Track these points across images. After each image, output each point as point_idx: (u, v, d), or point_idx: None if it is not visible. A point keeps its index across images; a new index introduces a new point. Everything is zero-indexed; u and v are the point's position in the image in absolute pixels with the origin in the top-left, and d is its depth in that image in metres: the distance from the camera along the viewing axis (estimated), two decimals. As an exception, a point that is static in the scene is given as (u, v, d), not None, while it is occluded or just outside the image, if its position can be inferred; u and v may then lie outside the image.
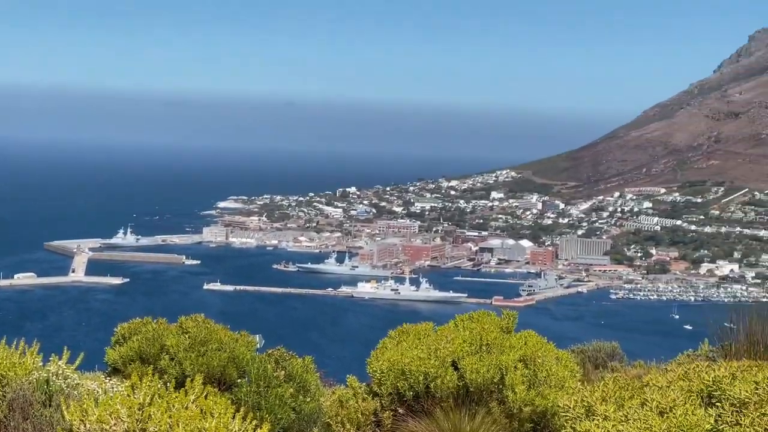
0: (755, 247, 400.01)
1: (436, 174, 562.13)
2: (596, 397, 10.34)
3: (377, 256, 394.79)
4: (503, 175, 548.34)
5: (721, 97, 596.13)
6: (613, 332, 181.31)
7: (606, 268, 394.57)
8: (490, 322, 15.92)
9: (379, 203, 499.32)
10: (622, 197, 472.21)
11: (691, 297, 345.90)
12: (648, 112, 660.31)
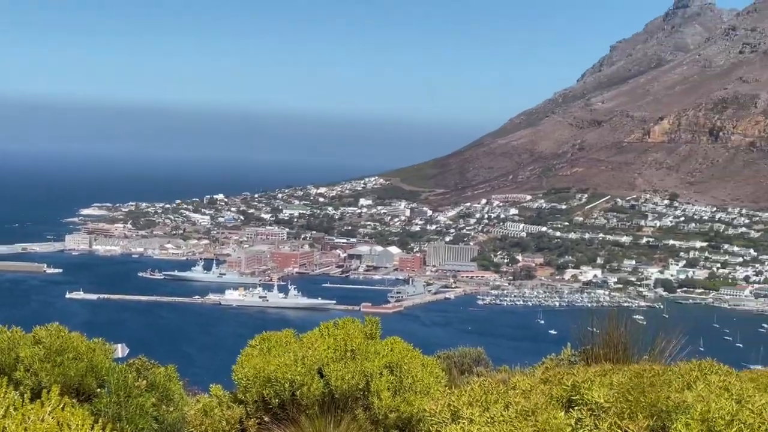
0: (617, 253, 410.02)
1: (304, 181, 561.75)
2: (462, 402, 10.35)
3: (245, 263, 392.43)
4: (372, 182, 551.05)
5: (584, 106, 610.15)
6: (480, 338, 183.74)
7: (473, 274, 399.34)
8: (355, 329, 15.85)
9: (248, 210, 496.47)
10: (488, 204, 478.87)
11: (555, 302, 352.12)
12: (514, 120, 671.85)
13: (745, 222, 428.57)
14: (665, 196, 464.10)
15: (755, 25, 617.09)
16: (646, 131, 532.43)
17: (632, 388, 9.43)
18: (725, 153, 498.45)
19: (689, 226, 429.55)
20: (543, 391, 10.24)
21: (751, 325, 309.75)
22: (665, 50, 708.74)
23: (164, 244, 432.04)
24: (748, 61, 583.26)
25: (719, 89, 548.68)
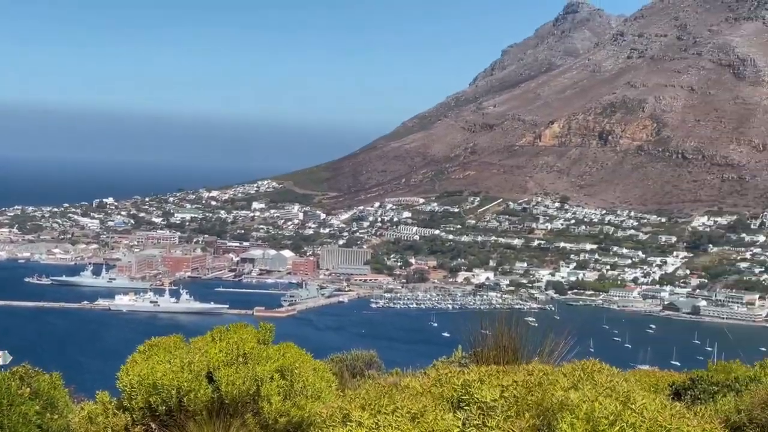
0: (509, 256, 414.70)
1: (197, 184, 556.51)
2: (352, 405, 10.34)
3: (136, 267, 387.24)
4: (264, 186, 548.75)
5: (476, 110, 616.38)
6: (374, 341, 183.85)
7: (367, 277, 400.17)
8: (248, 334, 15.72)
9: (138, 214, 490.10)
10: (382, 207, 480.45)
11: (448, 305, 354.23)
12: (407, 124, 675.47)
13: (634, 224, 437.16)
14: (556, 198, 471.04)
15: (642, 31, 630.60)
16: (537, 135, 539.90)
17: (520, 388, 9.53)
18: (614, 156, 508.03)
19: (579, 229, 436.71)
20: (432, 393, 10.28)
21: (639, 326, 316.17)
22: (556, 55, 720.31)
23: (52, 248, 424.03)
24: (635, 66, 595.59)
25: (608, 94, 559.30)
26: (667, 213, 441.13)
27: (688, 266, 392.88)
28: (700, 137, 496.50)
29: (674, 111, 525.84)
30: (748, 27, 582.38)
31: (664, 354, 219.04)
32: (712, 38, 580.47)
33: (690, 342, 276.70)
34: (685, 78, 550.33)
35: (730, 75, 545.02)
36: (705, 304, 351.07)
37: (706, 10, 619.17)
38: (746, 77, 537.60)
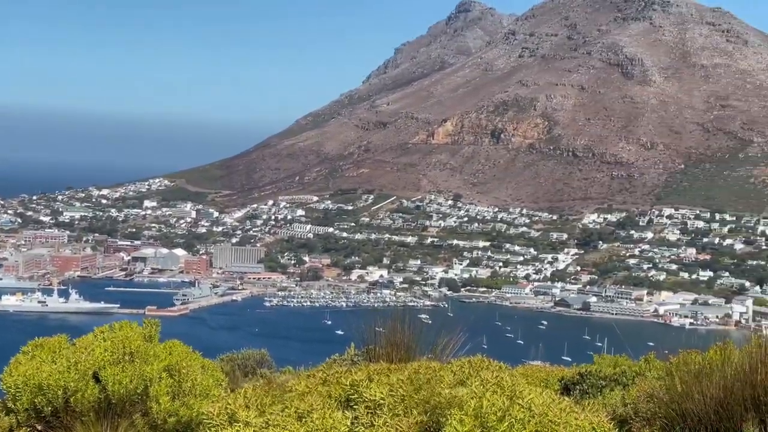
0: (403, 253, 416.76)
1: (86, 183, 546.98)
2: (239, 404, 10.21)
3: (23, 267, 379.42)
4: (156, 184, 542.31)
5: (369, 108, 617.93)
6: (267, 340, 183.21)
7: (260, 275, 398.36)
8: (133, 332, 15.43)
9: (25, 213, 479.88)
10: (275, 205, 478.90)
11: (343, 303, 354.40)
12: (301, 121, 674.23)
13: (526, 222, 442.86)
14: (449, 196, 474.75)
15: (533, 30, 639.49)
16: (431, 133, 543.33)
17: (408, 385, 9.50)
18: (506, 154, 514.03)
19: (472, 227, 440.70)
20: (321, 392, 10.20)
21: (531, 322, 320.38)
22: (448, 53, 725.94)
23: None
24: (527, 65, 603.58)
25: (500, 92, 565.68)
26: (559, 210, 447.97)
27: (579, 263, 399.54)
28: (590, 135, 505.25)
29: (565, 109, 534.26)
30: (636, 27, 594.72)
31: (555, 349, 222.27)
32: (601, 38, 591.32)
33: (581, 337, 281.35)
34: (575, 77, 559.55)
35: (619, 74, 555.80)
36: (595, 300, 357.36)
37: (596, 10, 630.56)
38: (634, 76, 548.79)
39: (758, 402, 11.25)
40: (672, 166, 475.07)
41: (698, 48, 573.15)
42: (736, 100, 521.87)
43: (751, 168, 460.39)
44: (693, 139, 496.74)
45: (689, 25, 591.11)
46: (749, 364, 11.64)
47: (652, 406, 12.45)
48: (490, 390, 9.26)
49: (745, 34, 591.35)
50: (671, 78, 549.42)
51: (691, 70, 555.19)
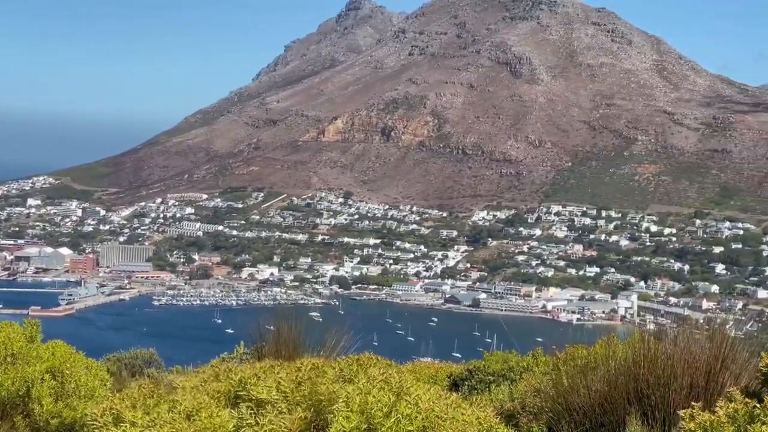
0: (293, 251, 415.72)
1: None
2: (125, 405, 10.04)
3: None
4: (40, 182, 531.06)
5: (259, 105, 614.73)
6: (156, 339, 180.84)
7: (149, 274, 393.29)
8: (14, 332, 15.07)
9: None
10: (164, 203, 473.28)
11: (233, 301, 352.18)
12: (190, 119, 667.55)
13: (416, 219, 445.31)
14: (340, 194, 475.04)
15: (423, 29, 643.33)
16: (321, 131, 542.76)
17: (293, 383, 9.45)
18: (396, 152, 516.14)
19: (363, 224, 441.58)
20: (209, 390, 10.10)
21: (421, 319, 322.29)
22: (339, 51, 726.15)
23: None
24: (417, 63, 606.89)
25: (390, 90, 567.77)
26: (448, 208, 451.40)
27: (469, 260, 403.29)
28: (479, 133, 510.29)
29: (454, 108, 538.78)
30: (524, 27, 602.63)
31: (445, 346, 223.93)
32: (490, 37, 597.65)
33: (471, 334, 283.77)
34: (464, 75, 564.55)
35: (508, 73, 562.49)
36: (485, 297, 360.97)
37: (484, 9, 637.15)
38: (522, 75, 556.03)
39: (641, 395, 11.45)
40: (559, 163, 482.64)
41: (584, 47, 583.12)
42: (621, 99, 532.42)
43: (635, 165, 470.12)
44: (580, 137, 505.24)
45: (575, 25, 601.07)
46: (632, 358, 11.84)
47: (539, 400, 12.60)
48: (377, 386, 9.24)
49: (630, 35, 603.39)
50: (558, 77, 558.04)
51: (578, 69, 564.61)
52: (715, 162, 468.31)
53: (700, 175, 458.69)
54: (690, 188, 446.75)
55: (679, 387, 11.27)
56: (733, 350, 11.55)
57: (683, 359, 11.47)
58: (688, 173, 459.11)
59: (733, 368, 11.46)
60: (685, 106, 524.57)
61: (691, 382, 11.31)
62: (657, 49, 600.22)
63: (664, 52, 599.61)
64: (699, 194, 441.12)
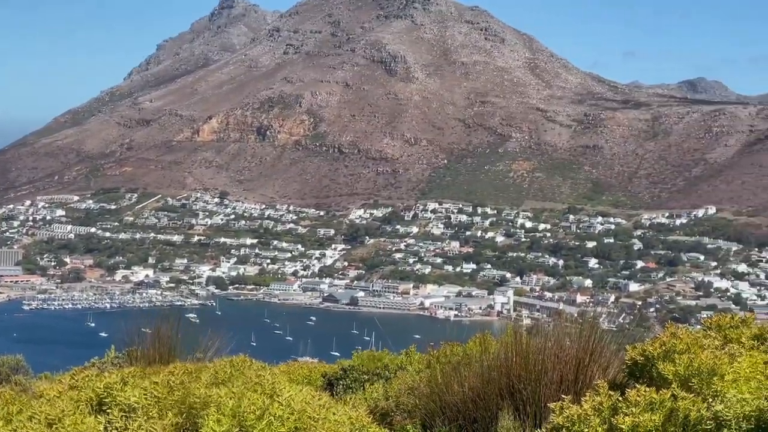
0: (169, 252, 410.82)
1: None
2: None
3: None
4: None
5: (132, 105, 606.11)
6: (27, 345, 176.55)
7: (18, 278, 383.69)
8: None
9: None
10: (33, 206, 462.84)
11: (106, 304, 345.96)
12: (59, 119, 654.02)
13: (293, 218, 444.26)
14: (216, 194, 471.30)
15: (297, 27, 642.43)
16: (196, 130, 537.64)
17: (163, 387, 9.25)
18: (273, 151, 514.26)
19: (239, 224, 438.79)
20: (72, 397, 9.82)
21: (300, 319, 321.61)
22: (212, 50, 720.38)
23: None
24: (291, 61, 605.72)
25: (265, 89, 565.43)
26: (325, 207, 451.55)
27: (346, 258, 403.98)
28: (355, 132, 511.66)
29: (330, 106, 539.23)
30: (398, 25, 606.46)
31: (324, 345, 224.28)
32: (365, 35, 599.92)
33: (349, 332, 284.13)
34: (339, 74, 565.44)
35: (383, 71, 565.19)
36: (363, 295, 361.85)
37: (358, 7, 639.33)
38: (397, 73, 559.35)
39: (513, 390, 11.53)
40: (435, 161, 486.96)
41: (458, 46, 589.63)
42: (495, 97, 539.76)
43: (510, 162, 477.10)
44: (455, 135, 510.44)
45: (449, 23, 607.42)
46: (504, 354, 11.93)
47: (414, 398, 12.60)
48: (250, 389, 9.13)
49: (502, 33, 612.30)
50: (433, 75, 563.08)
51: (452, 67, 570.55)
52: (587, 158, 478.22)
53: (572, 171, 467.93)
54: (563, 184, 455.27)
55: (549, 381, 11.39)
56: (601, 344, 11.73)
57: (553, 354, 11.60)
58: (561, 169, 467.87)
59: (602, 361, 11.63)
60: (557, 104, 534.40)
61: (561, 376, 11.44)
62: (529, 47, 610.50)
63: (537, 50, 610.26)
64: (572, 190, 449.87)
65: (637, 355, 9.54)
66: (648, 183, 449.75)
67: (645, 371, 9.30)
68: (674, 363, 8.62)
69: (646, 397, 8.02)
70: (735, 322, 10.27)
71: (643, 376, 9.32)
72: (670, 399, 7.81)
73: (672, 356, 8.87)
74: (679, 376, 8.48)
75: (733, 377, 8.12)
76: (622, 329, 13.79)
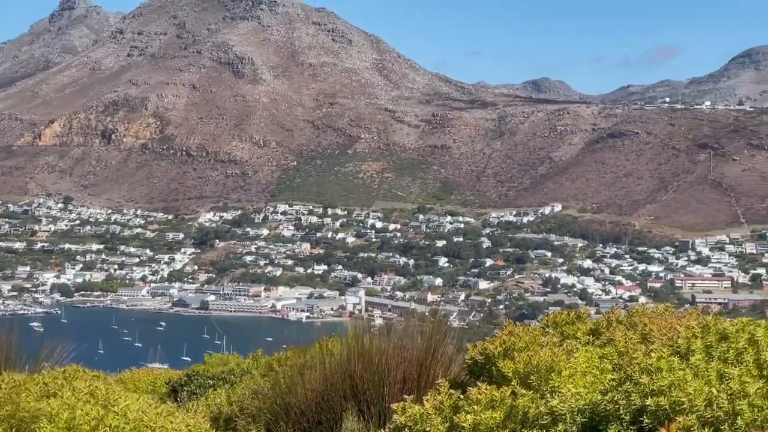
0: (11, 260, 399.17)
1: None
2: None
3: None
4: None
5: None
6: None
7: None
8: None
9: None
10: None
11: None
12: None
13: (141, 223, 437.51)
14: (59, 199, 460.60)
15: (142, 29, 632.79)
16: (37, 134, 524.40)
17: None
18: (118, 155, 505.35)
19: (85, 229, 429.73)
20: None
21: (149, 324, 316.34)
22: (53, 52, 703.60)
23: None
24: (136, 63, 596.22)
25: (110, 92, 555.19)
26: (174, 210, 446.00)
27: (196, 262, 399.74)
28: (203, 134, 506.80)
29: (177, 109, 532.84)
30: (245, 26, 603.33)
31: (175, 350, 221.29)
32: (211, 37, 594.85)
33: (200, 337, 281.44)
34: (186, 76, 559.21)
35: (230, 73, 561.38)
36: (213, 299, 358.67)
37: (204, 9, 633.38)
38: (245, 75, 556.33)
39: (356, 391, 11.50)
40: (285, 163, 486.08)
41: (306, 47, 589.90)
42: (343, 98, 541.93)
43: (359, 163, 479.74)
44: (304, 137, 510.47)
45: (296, 25, 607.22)
46: (347, 356, 11.89)
47: (258, 402, 12.46)
48: (83, 400, 8.86)
49: (350, 34, 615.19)
50: (281, 76, 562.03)
51: (300, 68, 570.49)
52: (436, 158, 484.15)
53: (421, 171, 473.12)
54: (412, 184, 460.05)
55: (393, 381, 11.39)
56: (444, 343, 11.79)
57: (396, 354, 11.61)
58: (411, 169, 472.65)
59: (445, 360, 11.69)
60: (405, 104, 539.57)
61: (404, 376, 11.46)
62: (377, 48, 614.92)
63: (384, 51, 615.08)
64: (421, 190, 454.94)
65: (477, 354, 9.61)
66: (495, 182, 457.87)
67: (485, 369, 9.37)
68: (514, 361, 8.70)
69: (487, 395, 8.07)
70: (571, 319, 10.47)
71: (483, 374, 9.39)
72: (510, 396, 7.87)
73: (512, 354, 8.96)
74: (518, 374, 8.57)
75: (570, 373, 8.24)
76: (472, 327, 13.91)
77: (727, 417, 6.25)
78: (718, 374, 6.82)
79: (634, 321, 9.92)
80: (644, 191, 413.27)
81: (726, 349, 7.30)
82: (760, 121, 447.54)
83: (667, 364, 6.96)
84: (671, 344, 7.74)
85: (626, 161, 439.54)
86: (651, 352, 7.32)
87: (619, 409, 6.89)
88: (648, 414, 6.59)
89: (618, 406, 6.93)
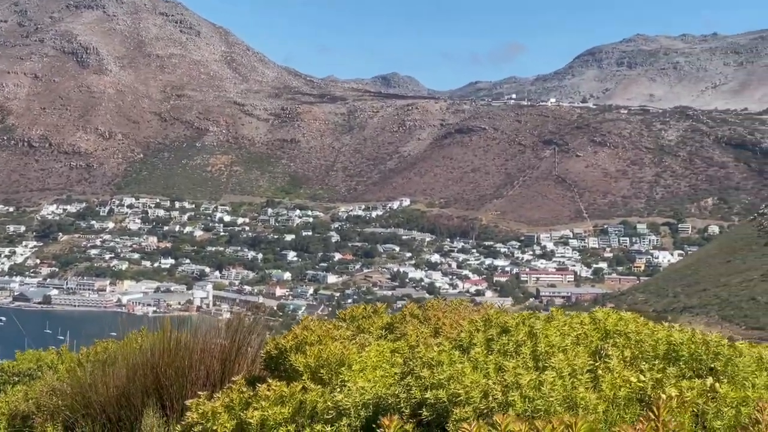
0: None
1: None
2: None
3: None
4: None
5: None
6: None
7: None
8: None
9: None
10: None
11: None
12: None
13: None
14: None
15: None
16: None
17: None
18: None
19: None
20: None
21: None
22: None
23: None
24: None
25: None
26: (15, 202, 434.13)
27: (38, 255, 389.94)
28: (46, 125, 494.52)
29: (18, 98, 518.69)
30: (90, 15, 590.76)
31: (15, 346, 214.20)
32: (54, 26, 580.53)
33: (43, 332, 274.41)
34: (28, 65, 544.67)
35: (74, 63, 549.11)
36: (57, 293, 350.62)
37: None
38: (90, 65, 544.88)
39: (160, 387, 11.26)
40: (131, 155, 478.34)
41: (153, 38, 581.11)
42: (192, 90, 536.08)
43: (207, 156, 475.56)
44: (151, 129, 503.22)
45: (143, 15, 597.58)
46: (151, 350, 11.63)
47: (56, 399, 12.08)
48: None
49: (198, 26, 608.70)
50: (127, 67, 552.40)
51: (147, 59, 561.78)
52: (285, 152, 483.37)
53: (270, 164, 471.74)
54: (261, 178, 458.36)
55: (196, 377, 11.19)
56: (248, 338, 11.64)
57: (200, 349, 11.41)
58: (260, 163, 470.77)
59: (250, 354, 11.54)
60: (254, 97, 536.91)
61: (207, 372, 11.26)
62: (225, 41, 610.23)
63: (233, 44, 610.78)
64: (270, 183, 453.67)
65: (272, 349, 9.49)
66: (344, 176, 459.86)
67: (279, 364, 9.26)
68: (305, 355, 8.60)
69: (276, 391, 8.07)
70: (368, 313, 10.44)
71: (278, 369, 9.28)
72: (300, 391, 7.90)
73: (303, 348, 8.85)
74: (309, 368, 8.48)
75: (360, 367, 8.19)
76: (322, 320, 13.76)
77: (500, 408, 6.68)
78: (496, 366, 7.03)
79: (428, 315, 9.95)
80: (491, 186, 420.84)
81: (506, 341, 7.52)
82: (603, 118, 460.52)
83: (448, 358, 7.19)
84: (456, 338, 7.81)
85: (474, 157, 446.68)
86: (435, 346, 7.52)
87: (399, 403, 7.25)
88: (427, 407, 6.86)
89: (399, 399, 7.25)
